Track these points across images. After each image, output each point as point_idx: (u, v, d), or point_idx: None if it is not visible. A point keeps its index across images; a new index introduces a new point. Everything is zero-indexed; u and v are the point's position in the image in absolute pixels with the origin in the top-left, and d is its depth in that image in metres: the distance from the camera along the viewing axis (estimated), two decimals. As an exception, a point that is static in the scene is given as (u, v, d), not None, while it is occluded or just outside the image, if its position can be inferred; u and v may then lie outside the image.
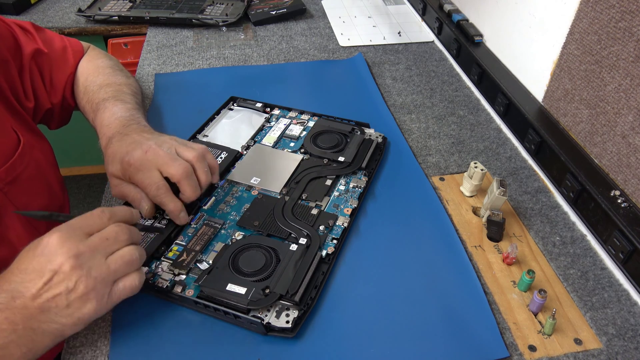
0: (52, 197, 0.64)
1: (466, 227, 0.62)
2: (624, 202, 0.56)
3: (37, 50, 0.65)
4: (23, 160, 0.59)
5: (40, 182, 0.62)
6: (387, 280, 0.55)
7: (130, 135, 0.58)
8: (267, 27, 1.07)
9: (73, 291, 0.41)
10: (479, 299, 0.53)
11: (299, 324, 0.49)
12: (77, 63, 0.71)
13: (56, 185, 0.65)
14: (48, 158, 0.65)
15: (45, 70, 0.67)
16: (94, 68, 0.71)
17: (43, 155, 0.64)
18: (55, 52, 0.68)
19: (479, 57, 0.84)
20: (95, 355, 0.48)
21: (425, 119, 0.81)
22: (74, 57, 0.70)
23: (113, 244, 0.45)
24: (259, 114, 0.78)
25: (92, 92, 0.68)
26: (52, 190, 0.64)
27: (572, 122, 0.66)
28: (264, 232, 0.58)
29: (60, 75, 0.68)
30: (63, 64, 0.69)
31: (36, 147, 0.62)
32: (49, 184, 0.64)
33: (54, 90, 0.68)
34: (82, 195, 1.81)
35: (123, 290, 0.45)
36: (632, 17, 0.53)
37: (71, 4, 1.19)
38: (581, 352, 0.49)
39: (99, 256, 0.43)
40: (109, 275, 0.44)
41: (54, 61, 0.68)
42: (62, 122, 0.72)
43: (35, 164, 0.61)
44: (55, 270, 0.41)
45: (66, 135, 1.58)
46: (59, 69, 0.68)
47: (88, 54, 0.73)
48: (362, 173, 0.67)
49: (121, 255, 0.45)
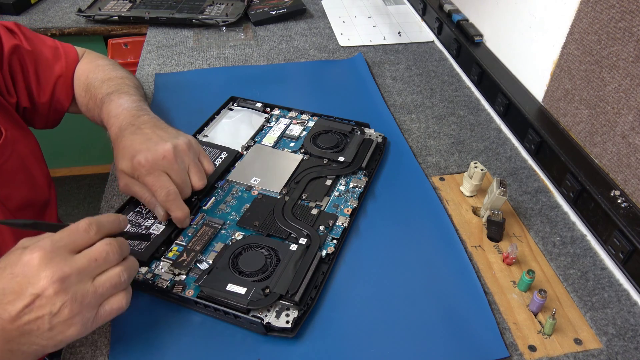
0: (36, 191, 0.63)
1: (466, 227, 0.62)
2: (624, 202, 0.56)
3: (16, 46, 0.64)
4: (4, 152, 0.58)
5: (24, 175, 0.61)
6: (387, 280, 0.55)
7: (143, 130, 0.57)
8: (267, 27, 1.07)
9: (57, 315, 0.38)
10: (479, 299, 0.53)
11: (299, 324, 0.49)
12: (72, 65, 0.70)
13: (41, 179, 0.64)
14: (34, 153, 0.65)
15: (29, 68, 0.66)
16: (94, 67, 0.71)
17: (28, 150, 0.63)
18: (42, 52, 0.67)
19: (479, 57, 0.84)
20: (95, 355, 0.48)
21: (425, 119, 0.81)
22: (67, 57, 0.70)
23: (102, 264, 0.41)
24: (259, 114, 0.78)
25: (94, 87, 0.68)
26: (37, 184, 0.64)
27: (572, 122, 0.66)
28: (264, 232, 0.58)
29: (48, 74, 0.67)
30: (53, 63, 0.68)
31: (21, 141, 0.62)
32: (33, 177, 0.63)
33: (41, 88, 0.67)
34: (82, 195, 1.81)
35: (110, 312, 0.42)
36: (632, 17, 0.53)
37: (71, 4, 1.19)
38: (581, 352, 0.49)
39: (85, 279, 0.40)
40: (95, 299, 0.41)
41: (40, 60, 0.67)
42: (49, 123, 0.71)
43: (18, 157, 0.60)
44: (37, 295, 0.38)
45: (66, 135, 1.59)
46: (47, 68, 0.67)
47: (85, 56, 0.73)
48: (362, 173, 0.67)
49: (109, 278, 0.42)
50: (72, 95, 0.70)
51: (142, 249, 0.54)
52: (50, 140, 0.75)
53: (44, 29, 1.10)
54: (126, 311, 0.47)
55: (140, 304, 0.52)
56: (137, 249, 0.54)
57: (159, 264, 0.54)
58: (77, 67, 0.71)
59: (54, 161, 1.77)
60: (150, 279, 0.52)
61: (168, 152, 0.54)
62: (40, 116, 0.69)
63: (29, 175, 0.63)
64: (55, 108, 0.69)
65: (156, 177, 0.53)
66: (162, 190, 0.53)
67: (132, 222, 0.58)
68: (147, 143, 0.54)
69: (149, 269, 0.53)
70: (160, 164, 0.53)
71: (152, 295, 0.53)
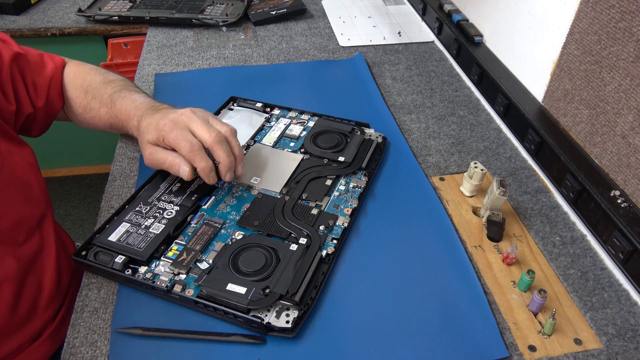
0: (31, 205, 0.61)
1: (466, 227, 0.62)
2: (624, 202, 0.56)
3: (17, 54, 0.65)
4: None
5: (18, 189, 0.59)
6: (387, 280, 0.55)
7: (162, 109, 0.62)
8: (267, 27, 1.07)
9: None
10: (479, 299, 0.53)
11: (299, 324, 0.49)
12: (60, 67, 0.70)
13: (37, 191, 0.63)
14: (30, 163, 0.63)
15: (27, 74, 0.66)
16: (87, 70, 0.71)
17: (25, 161, 0.62)
18: (33, 57, 0.68)
19: (479, 57, 0.84)
20: (95, 355, 0.48)
21: (425, 119, 0.81)
22: (53, 61, 0.70)
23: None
24: (259, 114, 0.78)
25: (96, 89, 0.68)
26: (32, 197, 0.62)
27: (572, 122, 0.66)
28: (264, 231, 0.58)
29: (42, 77, 0.68)
30: (42, 68, 0.69)
31: (15, 153, 0.60)
32: (29, 190, 0.62)
33: (37, 93, 0.67)
34: (82, 195, 1.81)
35: None
36: (632, 17, 0.53)
37: (71, 4, 1.19)
38: (581, 352, 0.49)
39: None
40: None
41: (33, 65, 0.67)
42: (44, 128, 0.71)
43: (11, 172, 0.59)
44: None
45: (66, 135, 1.59)
46: (39, 73, 0.68)
47: (71, 62, 0.73)
48: (362, 173, 0.67)
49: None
50: (63, 97, 0.70)
51: (142, 248, 0.54)
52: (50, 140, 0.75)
53: (44, 28, 1.10)
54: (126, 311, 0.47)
55: (141, 303, 0.52)
56: (137, 249, 0.54)
57: (159, 263, 0.54)
58: (66, 70, 0.71)
59: (54, 161, 1.77)
60: (150, 278, 0.52)
61: (186, 110, 0.59)
62: (37, 122, 0.69)
63: (25, 187, 0.61)
64: (48, 111, 0.69)
65: (179, 131, 0.57)
66: (185, 143, 0.56)
67: (132, 221, 0.58)
68: (168, 111, 0.61)
69: (148, 268, 0.53)
70: (180, 120, 0.58)
71: (152, 294, 0.53)
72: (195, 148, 0.56)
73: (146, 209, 0.60)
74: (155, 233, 0.56)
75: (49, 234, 0.63)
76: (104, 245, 0.55)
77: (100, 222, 0.60)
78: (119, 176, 0.69)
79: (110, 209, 0.63)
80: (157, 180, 0.64)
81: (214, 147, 0.57)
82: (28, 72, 0.66)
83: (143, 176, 0.67)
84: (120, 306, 0.52)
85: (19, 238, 0.58)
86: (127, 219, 0.58)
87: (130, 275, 0.52)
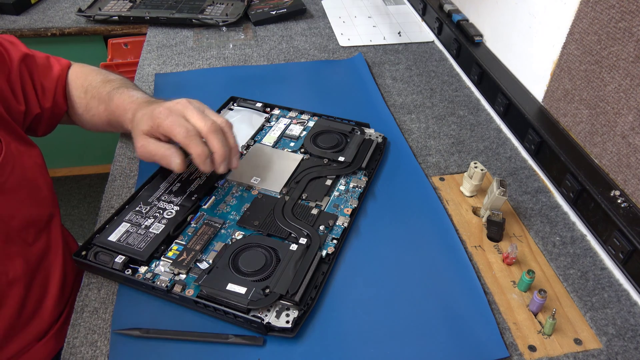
0: (40, 206, 0.62)
1: (466, 227, 0.62)
2: (624, 202, 0.56)
3: (25, 55, 0.65)
4: (5, 169, 0.57)
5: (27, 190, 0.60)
6: (387, 280, 0.55)
7: (158, 102, 0.61)
8: (267, 27, 1.07)
9: None
10: (479, 299, 0.53)
11: (299, 324, 0.49)
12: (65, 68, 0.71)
13: (45, 191, 0.63)
14: (38, 164, 0.64)
15: (35, 74, 0.66)
16: (89, 70, 0.72)
17: (32, 162, 0.62)
18: (40, 59, 0.69)
19: (479, 57, 0.84)
20: (95, 355, 0.48)
21: (425, 119, 0.81)
22: (59, 62, 0.70)
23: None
24: (259, 113, 0.78)
25: (95, 88, 0.68)
26: (41, 197, 0.62)
27: (572, 122, 0.66)
28: (264, 231, 0.58)
29: (48, 80, 0.68)
30: (49, 69, 0.69)
31: (24, 153, 0.61)
32: (38, 191, 0.62)
33: (45, 94, 0.67)
34: (82, 195, 1.81)
35: None
36: (632, 17, 0.53)
37: (71, 4, 1.19)
38: (581, 352, 0.49)
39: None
40: None
41: (40, 67, 0.68)
42: (49, 128, 0.72)
43: (22, 172, 0.59)
44: None
45: (66, 135, 1.59)
46: (46, 74, 0.68)
47: (76, 64, 0.74)
48: (362, 173, 0.67)
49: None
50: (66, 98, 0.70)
51: (142, 248, 0.54)
52: (50, 140, 0.75)
53: (44, 28, 1.10)
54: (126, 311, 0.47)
55: (141, 303, 0.52)
56: (137, 248, 0.54)
57: (159, 263, 0.54)
58: (70, 72, 0.71)
59: (54, 161, 1.77)
60: (150, 278, 0.52)
61: (182, 100, 0.59)
62: (43, 122, 0.70)
63: (33, 189, 0.62)
64: (54, 112, 0.69)
65: (174, 118, 0.56)
66: (181, 128, 0.55)
67: (132, 221, 0.58)
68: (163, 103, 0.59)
69: (148, 268, 0.53)
70: (176, 108, 0.57)
71: (152, 294, 0.53)
72: (191, 134, 0.55)
73: (146, 209, 0.60)
74: (155, 233, 0.56)
75: (56, 235, 0.63)
76: (104, 245, 0.55)
77: (100, 222, 0.60)
78: (119, 176, 0.69)
79: (110, 209, 0.63)
80: (157, 180, 0.64)
81: (209, 136, 0.56)
82: (36, 73, 0.67)
83: (143, 176, 0.67)
84: (120, 306, 0.52)
85: (29, 238, 0.58)
86: (127, 219, 0.58)
87: (130, 275, 0.52)
